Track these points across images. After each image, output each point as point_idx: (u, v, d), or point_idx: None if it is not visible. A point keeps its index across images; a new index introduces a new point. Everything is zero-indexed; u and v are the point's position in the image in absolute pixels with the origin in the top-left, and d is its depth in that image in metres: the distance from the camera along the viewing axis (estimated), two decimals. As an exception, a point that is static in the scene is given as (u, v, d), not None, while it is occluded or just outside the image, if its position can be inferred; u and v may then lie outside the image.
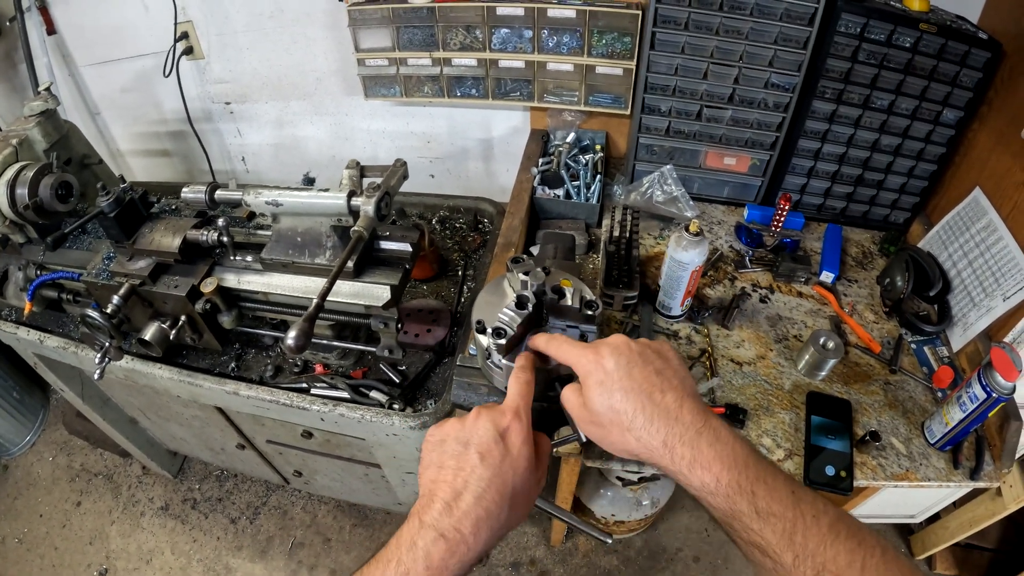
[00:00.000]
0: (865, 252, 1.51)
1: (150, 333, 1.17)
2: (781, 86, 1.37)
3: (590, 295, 0.68)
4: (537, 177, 1.55)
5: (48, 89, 1.38)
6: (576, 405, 0.58)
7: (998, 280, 1.19)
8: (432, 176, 2.03)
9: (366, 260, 1.10)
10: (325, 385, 1.26)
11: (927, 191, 1.46)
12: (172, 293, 1.13)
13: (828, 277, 1.40)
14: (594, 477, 1.76)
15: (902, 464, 1.08)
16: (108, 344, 1.19)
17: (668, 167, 1.50)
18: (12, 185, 1.18)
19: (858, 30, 1.26)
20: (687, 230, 1.15)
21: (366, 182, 1.03)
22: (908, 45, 1.26)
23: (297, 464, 1.74)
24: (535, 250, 1.42)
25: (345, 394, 1.24)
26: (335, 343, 1.26)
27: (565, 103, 1.62)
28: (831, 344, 1.16)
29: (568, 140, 1.65)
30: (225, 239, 1.12)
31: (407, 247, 1.11)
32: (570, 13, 1.43)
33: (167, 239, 1.13)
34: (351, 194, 0.98)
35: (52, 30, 1.82)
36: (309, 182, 1.15)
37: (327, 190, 1.01)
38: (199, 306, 1.14)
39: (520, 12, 1.45)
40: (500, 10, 1.46)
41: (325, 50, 1.73)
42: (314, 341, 1.25)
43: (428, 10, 1.49)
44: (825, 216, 1.56)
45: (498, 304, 0.66)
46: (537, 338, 0.63)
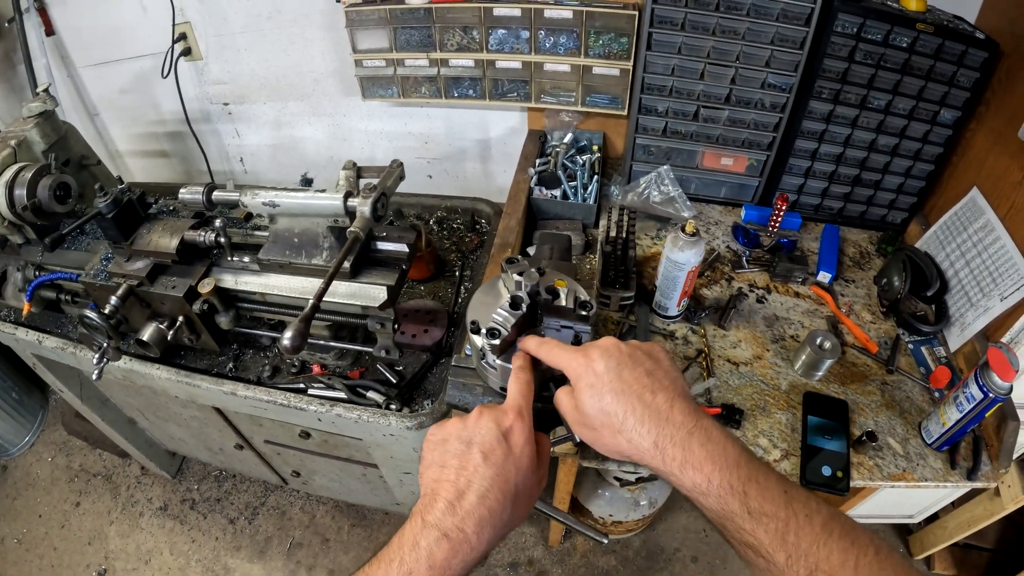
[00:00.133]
0: (862, 252, 1.51)
1: (148, 334, 1.18)
2: (778, 86, 1.37)
3: (584, 295, 0.68)
4: (534, 178, 1.55)
5: (47, 90, 1.38)
6: (569, 407, 0.58)
7: (995, 280, 1.19)
8: (430, 177, 2.03)
9: (363, 261, 1.10)
10: (322, 385, 1.26)
11: (924, 191, 1.46)
12: (170, 294, 1.14)
13: (825, 277, 1.40)
14: (592, 477, 1.76)
15: (899, 464, 1.08)
16: (106, 345, 1.19)
17: (665, 167, 1.50)
18: (11, 186, 1.19)
19: (855, 30, 1.26)
20: (683, 230, 1.15)
21: (363, 183, 1.03)
22: (905, 45, 1.26)
23: (295, 464, 1.74)
24: (532, 251, 1.42)
25: (342, 394, 1.24)
26: (332, 343, 1.26)
27: (562, 104, 1.62)
28: (828, 344, 1.16)
29: (565, 141, 1.65)
30: (222, 240, 1.12)
31: (403, 248, 1.11)
32: (567, 14, 1.43)
33: (165, 240, 1.13)
34: (347, 195, 0.99)
35: (51, 31, 1.82)
36: (307, 183, 1.15)
37: (324, 191, 1.01)
38: (197, 307, 1.15)
39: (517, 13, 1.45)
40: (497, 11, 1.46)
41: (323, 51, 1.74)
42: (311, 342, 1.25)
43: (425, 11, 1.49)
44: (822, 216, 1.56)
45: (493, 305, 0.66)
46: (528, 341, 0.63)
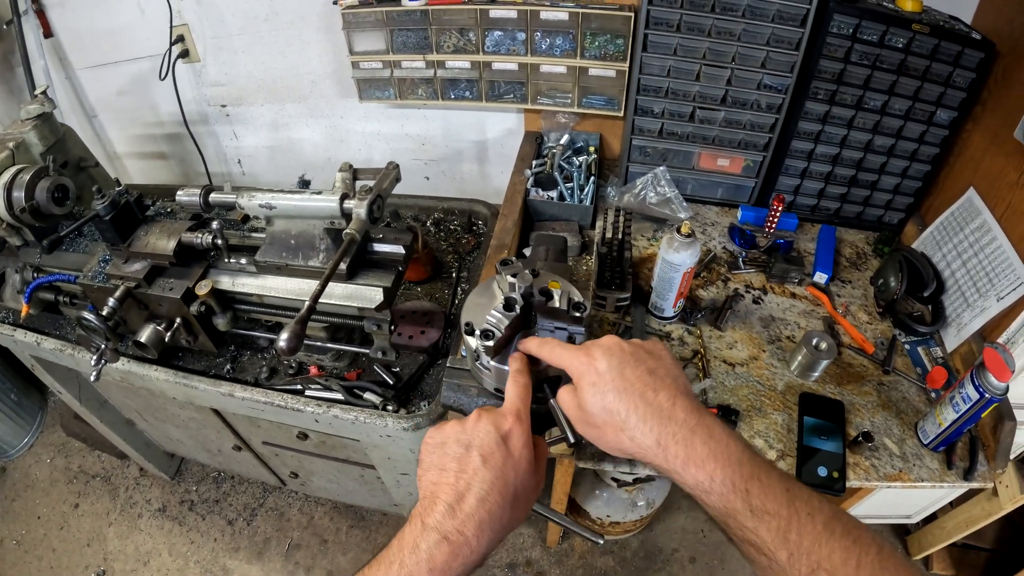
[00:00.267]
0: (859, 253, 1.51)
1: (146, 335, 1.18)
2: (774, 87, 1.37)
3: (578, 296, 0.68)
4: (531, 179, 1.56)
5: (45, 92, 1.38)
6: (572, 406, 0.58)
7: (992, 280, 1.20)
8: (427, 178, 2.03)
9: (359, 262, 1.10)
10: (319, 387, 1.26)
11: (921, 192, 1.47)
12: (167, 295, 1.14)
13: (822, 278, 1.40)
14: (589, 478, 1.76)
15: (895, 465, 1.08)
16: (104, 346, 1.19)
17: (661, 168, 1.50)
18: (9, 188, 1.19)
19: (850, 31, 1.26)
20: (678, 232, 1.15)
21: (359, 185, 1.03)
22: (901, 46, 1.27)
23: (293, 466, 1.75)
24: (528, 252, 1.42)
25: (339, 396, 1.24)
26: (329, 345, 1.26)
27: (558, 105, 1.62)
28: (824, 345, 1.16)
29: (562, 142, 1.65)
30: (219, 242, 1.13)
31: (400, 249, 1.12)
32: (563, 15, 1.43)
33: (162, 242, 1.14)
34: (344, 197, 0.99)
35: (49, 33, 1.83)
36: (305, 184, 1.16)
37: (320, 193, 1.01)
38: (194, 308, 1.15)
39: (513, 15, 1.46)
40: (493, 13, 1.46)
41: (320, 53, 1.74)
42: (308, 343, 1.25)
43: (421, 13, 1.49)
44: (819, 217, 1.57)
45: (487, 306, 0.66)
46: (528, 342, 0.63)
